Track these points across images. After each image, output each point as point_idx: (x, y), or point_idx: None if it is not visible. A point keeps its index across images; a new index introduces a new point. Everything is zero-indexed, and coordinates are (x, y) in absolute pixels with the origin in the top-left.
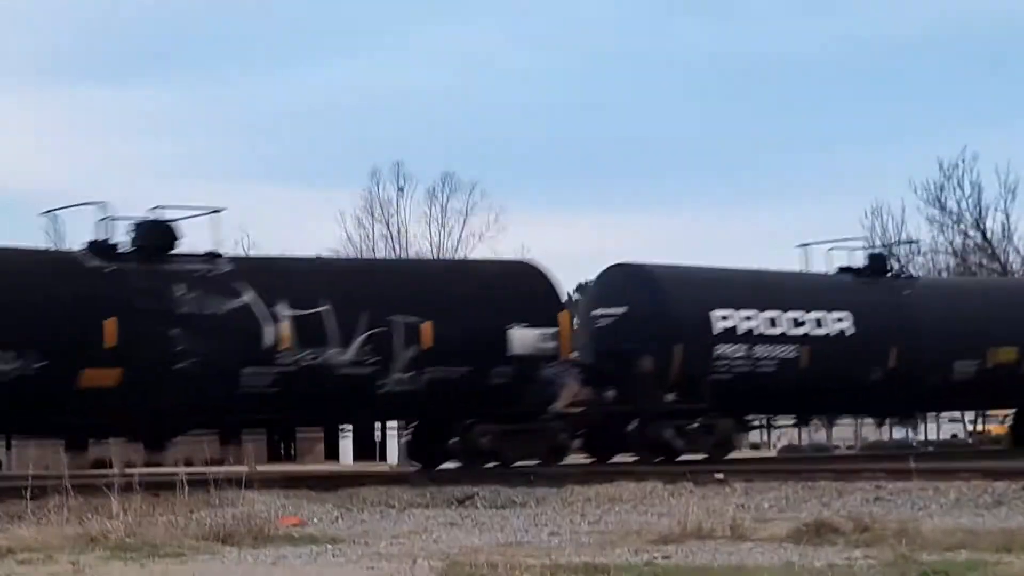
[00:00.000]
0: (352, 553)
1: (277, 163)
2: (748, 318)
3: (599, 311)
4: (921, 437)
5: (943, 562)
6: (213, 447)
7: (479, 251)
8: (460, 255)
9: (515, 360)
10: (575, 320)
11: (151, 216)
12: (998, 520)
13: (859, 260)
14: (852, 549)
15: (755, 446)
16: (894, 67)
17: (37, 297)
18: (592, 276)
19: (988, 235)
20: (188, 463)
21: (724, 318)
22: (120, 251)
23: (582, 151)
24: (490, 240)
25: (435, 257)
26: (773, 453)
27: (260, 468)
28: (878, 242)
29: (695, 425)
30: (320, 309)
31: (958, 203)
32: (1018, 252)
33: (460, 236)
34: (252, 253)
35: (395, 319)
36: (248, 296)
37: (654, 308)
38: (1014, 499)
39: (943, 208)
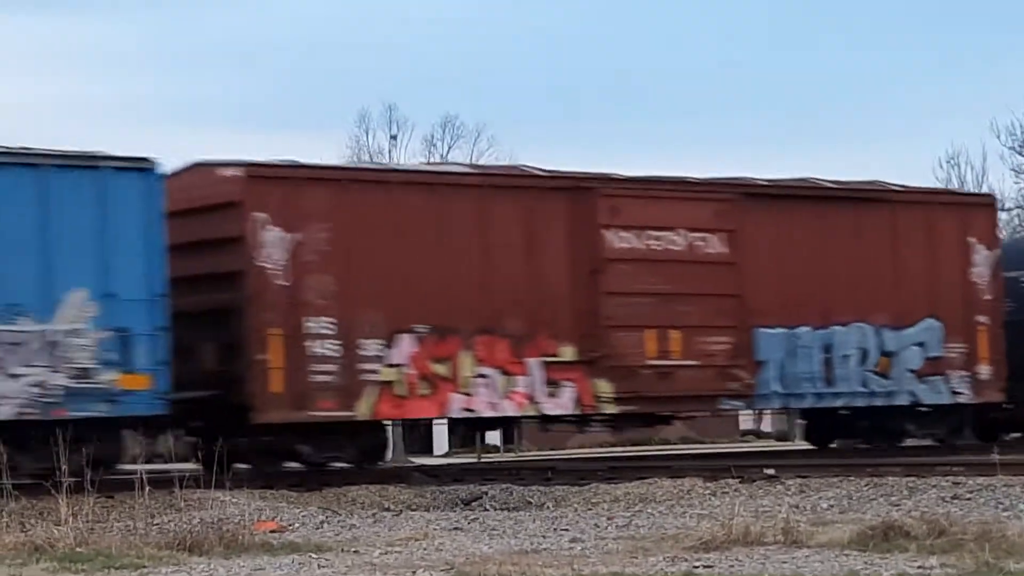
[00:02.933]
0: (340, 564)
1: (247, 106)
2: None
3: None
4: None
5: None
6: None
7: None
8: None
9: None
10: None
11: None
12: None
13: None
14: (926, 556)
15: None
16: None
17: None
18: None
19: None
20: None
21: None
22: None
23: (610, 88)
24: None
25: None
26: (833, 444)
27: None
28: None
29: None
30: None
31: None
32: None
33: None
34: None
35: None
36: None
37: None
38: None
39: None
